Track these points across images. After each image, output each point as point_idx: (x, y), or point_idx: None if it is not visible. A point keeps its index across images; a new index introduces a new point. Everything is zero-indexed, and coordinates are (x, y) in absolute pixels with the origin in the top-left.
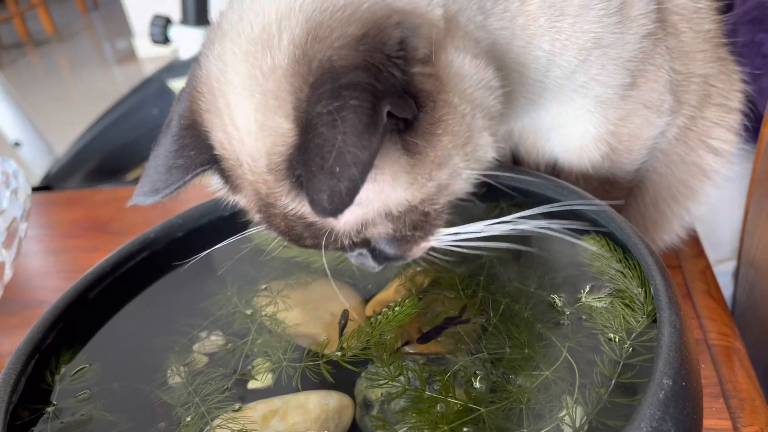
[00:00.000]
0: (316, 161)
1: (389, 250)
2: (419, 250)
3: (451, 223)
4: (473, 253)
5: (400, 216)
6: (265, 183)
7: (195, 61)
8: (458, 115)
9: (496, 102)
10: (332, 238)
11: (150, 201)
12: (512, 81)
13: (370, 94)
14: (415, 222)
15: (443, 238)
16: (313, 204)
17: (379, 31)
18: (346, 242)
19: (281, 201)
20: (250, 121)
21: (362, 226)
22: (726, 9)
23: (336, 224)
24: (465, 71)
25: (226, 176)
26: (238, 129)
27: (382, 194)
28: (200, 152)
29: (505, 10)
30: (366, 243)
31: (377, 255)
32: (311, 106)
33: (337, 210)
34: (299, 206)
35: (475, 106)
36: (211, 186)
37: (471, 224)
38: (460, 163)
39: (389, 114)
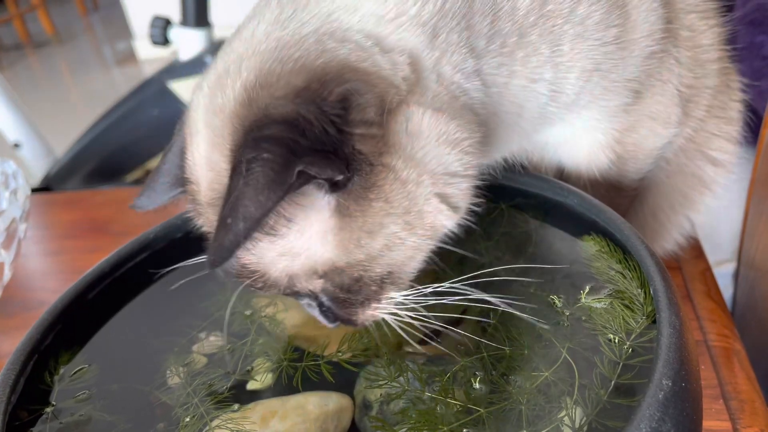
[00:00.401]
0: (224, 209)
1: (336, 309)
2: (365, 317)
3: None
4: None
5: (325, 275)
6: (207, 212)
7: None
8: (398, 182)
9: (463, 154)
10: (267, 284)
11: (146, 209)
12: (508, 118)
13: (287, 149)
14: (347, 285)
15: (390, 308)
16: (207, 258)
17: (321, 86)
18: (282, 290)
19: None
20: (202, 152)
21: (289, 279)
22: (727, 10)
23: (267, 270)
24: (420, 130)
25: (191, 198)
26: (195, 155)
27: (309, 251)
28: (182, 171)
29: (503, 46)
30: (313, 296)
31: (325, 311)
32: (240, 151)
33: (215, 263)
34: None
35: (425, 170)
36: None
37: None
38: (399, 232)
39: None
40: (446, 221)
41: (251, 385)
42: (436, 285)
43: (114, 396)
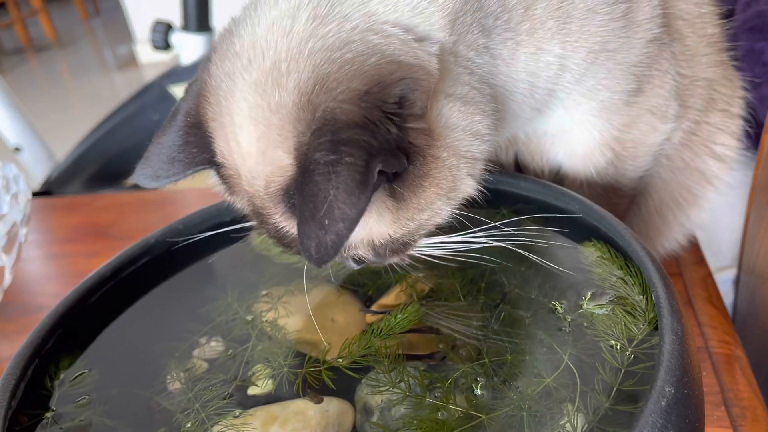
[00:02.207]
0: (309, 207)
1: (372, 260)
2: (396, 258)
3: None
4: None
5: (381, 245)
6: (261, 199)
7: (204, 61)
8: (445, 169)
9: (482, 144)
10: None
11: (151, 185)
12: (516, 96)
13: (366, 152)
14: (394, 249)
15: (422, 248)
16: (302, 249)
17: (382, 89)
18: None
19: (274, 219)
20: (252, 145)
21: (345, 249)
22: (726, 17)
23: None
24: (453, 122)
25: (225, 180)
26: (240, 146)
27: (367, 228)
28: (202, 152)
29: (509, 21)
30: (357, 257)
31: (357, 259)
32: (311, 152)
33: (322, 260)
34: (291, 227)
35: (461, 156)
36: (210, 181)
37: (455, 234)
38: (442, 206)
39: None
40: (472, 191)
41: (252, 391)
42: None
43: (114, 401)
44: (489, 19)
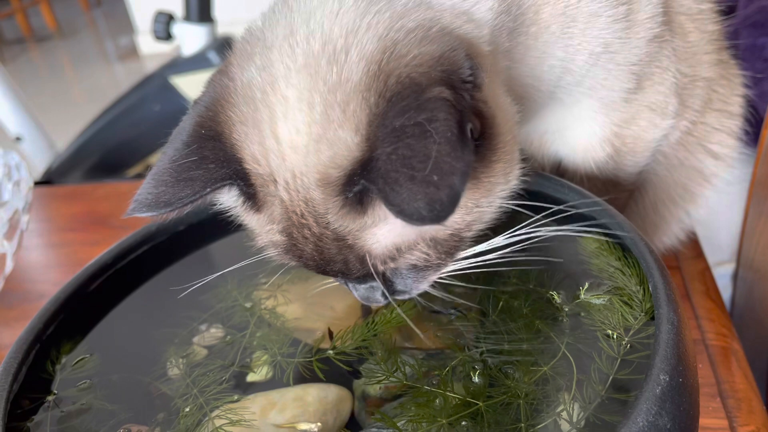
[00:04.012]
0: (403, 172)
1: (400, 283)
2: (427, 283)
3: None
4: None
5: (442, 241)
6: (305, 201)
7: (218, 72)
8: (506, 145)
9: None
10: (363, 263)
11: (154, 213)
12: (524, 96)
13: (455, 110)
14: (450, 248)
15: (460, 261)
16: (406, 212)
17: (454, 55)
18: (372, 269)
19: (325, 219)
20: (300, 135)
21: (398, 251)
22: (728, 12)
23: (373, 247)
24: (503, 103)
25: (250, 193)
26: (279, 143)
27: (468, 213)
28: (222, 166)
29: (523, 24)
30: (382, 275)
31: (388, 288)
32: (389, 120)
33: (439, 217)
34: (346, 224)
35: (513, 136)
36: (219, 205)
37: (485, 242)
38: (500, 192)
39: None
40: (517, 180)
41: (251, 377)
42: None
43: (115, 386)
44: (511, 23)
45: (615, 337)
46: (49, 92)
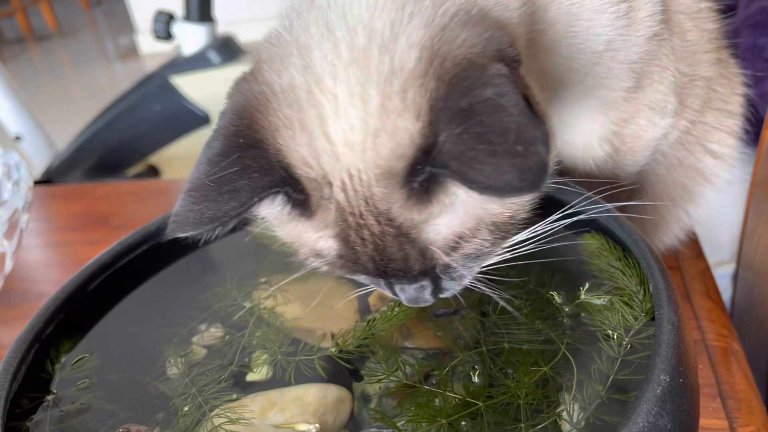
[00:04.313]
0: (481, 148)
1: (447, 279)
2: (469, 278)
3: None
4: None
5: (501, 225)
6: (365, 199)
7: (242, 81)
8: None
9: None
10: (424, 257)
11: (199, 230)
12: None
13: (515, 84)
14: (505, 232)
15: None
16: (495, 187)
17: (500, 35)
18: (432, 262)
19: (387, 215)
20: (355, 132)
21: (460, 239)
22: (727, 11)
23: (436, 239)
24: (534, 87)
25: (300, 200)
26: (332, 143)
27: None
28: (267, 173)
29: (536, 22)
30: (433, 272)
31: (436, 287)
32: (453, 102)
33: (533, 185)
34: (411, 217)
35: (548, 117)
36: (257, 217)
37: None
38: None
39: None
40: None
41: (250, 377)
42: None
43: (114, 385)
44: (529, 16)
45: (615, 337)
46: (49, 91)
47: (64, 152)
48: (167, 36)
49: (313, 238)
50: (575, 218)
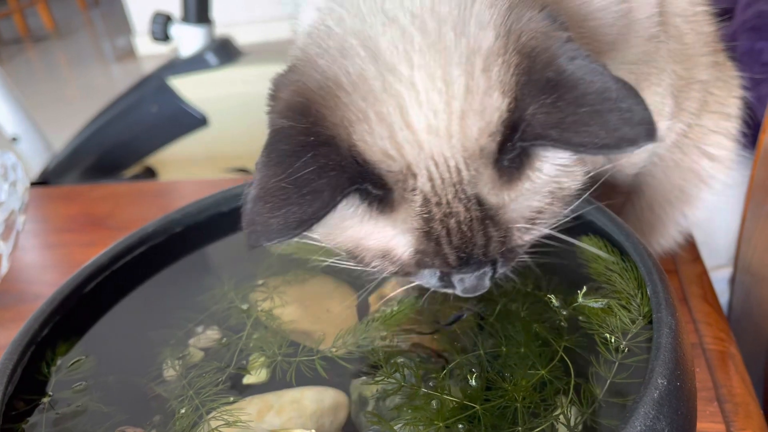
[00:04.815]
0: (583, 112)
1: (503, 262)
2: (516, 261)
3: None
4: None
5: (569, 196)
6: (454, 185)
7: (294, 80)
8: None
9: None
10: (506, 238)
11: (286, 237)
12: None
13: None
14: (568, 205)
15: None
16: (610, 145)
17: (557, 14)
18: (510, 244)
19: (477, 199)
20: (439, 117)
21: (535, 219)
22: (723, 14)
23: (519, 216)
24: None
25: (379, 195)
26: (414, 132)
27: (584, 165)
28: (344, 170)
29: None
30: (499, 256)
31: (493, 272)
32: (539, 73)
33: (650, 134)
34: (501, 196)
35: None
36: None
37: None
38: None
39: None
40: None
41: (247, 380)
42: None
43: (110, 387)
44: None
45: (613, 340)
46: (46, 93)
47: (61, 153)
48: (165, 37)
49: (388, 236)
50: (573, 223)
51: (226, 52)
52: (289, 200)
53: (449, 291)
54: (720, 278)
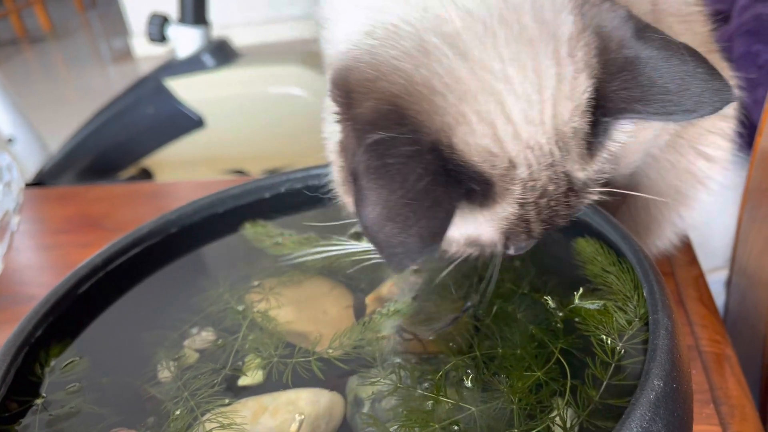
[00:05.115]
0: (661, 84)
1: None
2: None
3: None
4: None
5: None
6: (548, 167)
7: (369, 87)
8: None
9: None
10: (579, 207)
11: (428, 252)
12: None
13: None
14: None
15: None
16: (699, 111)
17: None
18: (581, 208)
19: (568, 175)
20: (533, 106)
21: (603, 177)
22: (723, 20)
23: (589, 184)
24: None
25: (478, 192)
26: (514, 124)
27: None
28: (452, 175)
29: None
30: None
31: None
32: (619, 51)
33: (729, 96)
34: (586, 171)
35: None
36: None
37: None
38: None
39: None
40: None
41: (242, 381)
42: None
43: (104, 389)
44: None
45: (609, 342)
46: (43, 94)
47: (57, 154)
48: (161, 39)
49: (481, 226)
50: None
51: (222, 53)
52: (417, 215)
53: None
54: (716, 280)
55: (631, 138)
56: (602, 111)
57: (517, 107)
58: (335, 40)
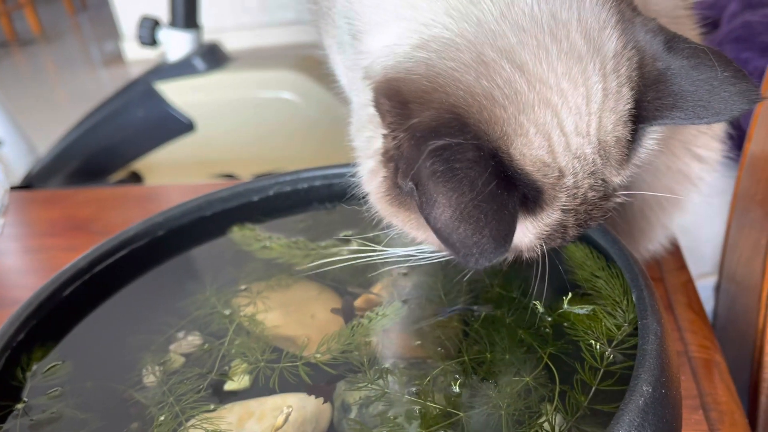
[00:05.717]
0: (693, 91)
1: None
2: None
3: None
4: None
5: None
6: (592, 176)
7: (426, 99)
8: None
9: None
10: (611, 206)
11: (503, 252)
12: None
13: None
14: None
15: None
16: (728, 116)
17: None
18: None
19: (606, 181)
20: (582, 119)
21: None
22: (713, 27)
23: (619, 187)
24: None
25: (531, 198)
26: (567, 136)
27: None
28: (512, 181)
29: None
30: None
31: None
32: (650, 64)
33: (755, 97)
34: (622, 176)
35: None
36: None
37: None
38: None
39: None
40: None
41: (229, 386)
42: None
43: (87, 393)
44: None
45: (598, 347)
46: (33, 97)
47: (46, 157)
48: (152, 42)
49: (526, 231)
50: None
51: (213, 57)
52: (488, 217)
53: None
54: (705, 286)
55: (657, 140)
56: (642, 120)
57: (569, 120)
58: (373, 52)
